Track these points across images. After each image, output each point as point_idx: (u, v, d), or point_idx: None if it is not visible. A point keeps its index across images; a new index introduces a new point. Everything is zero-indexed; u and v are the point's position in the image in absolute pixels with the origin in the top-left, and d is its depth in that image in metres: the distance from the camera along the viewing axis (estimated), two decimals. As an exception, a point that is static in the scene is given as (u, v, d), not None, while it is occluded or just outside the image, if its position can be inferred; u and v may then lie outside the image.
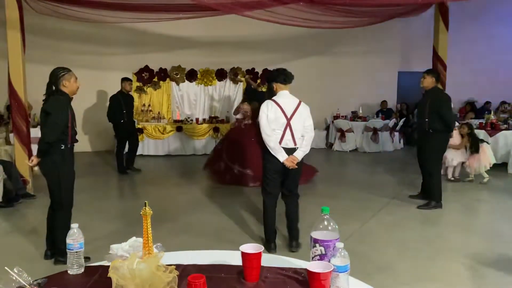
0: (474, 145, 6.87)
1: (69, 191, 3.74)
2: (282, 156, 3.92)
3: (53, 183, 3.69)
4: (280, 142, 3.93)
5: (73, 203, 3.84)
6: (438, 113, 5.31)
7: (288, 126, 3.93)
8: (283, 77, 4.02)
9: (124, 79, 7.80)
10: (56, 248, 3.82)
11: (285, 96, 4.01)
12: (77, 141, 3.84)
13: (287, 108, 3.95)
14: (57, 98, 3.62)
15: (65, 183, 3.69)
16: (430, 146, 5.47)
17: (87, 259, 3.37)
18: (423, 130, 5.54)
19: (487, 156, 6.84)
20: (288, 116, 3.93)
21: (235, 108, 7.86)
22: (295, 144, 3.96)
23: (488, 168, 6.85)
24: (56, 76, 3.66)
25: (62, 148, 3.64)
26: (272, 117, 3.93)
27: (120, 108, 7.55)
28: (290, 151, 3.94)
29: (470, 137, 6.95)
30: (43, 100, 3.72)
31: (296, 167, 3.96)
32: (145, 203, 1.57)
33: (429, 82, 5.46)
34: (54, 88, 3.65)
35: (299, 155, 3.95)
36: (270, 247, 4.12)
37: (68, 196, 3.74)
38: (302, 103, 4.04)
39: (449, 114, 5.37)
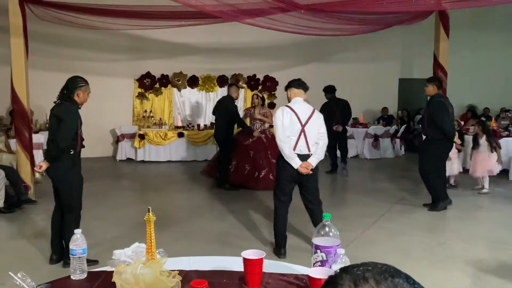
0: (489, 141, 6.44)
1: (78, 194, 3.88)
2: (295, 163, 3.91)
3: (64, 187, 3.79)
4: (294, 149, 3.93)
5: (82, 206, 3.96)
6: (434, 122, 5.41)
7: (302, 132, 3.93)
8: (298, 82, 4.07)
9: (231, 85, 7.38)
10: (65, 251, 3.85)
11: (299, 103, 4.03)
12: (83, 146, 3.95)
13: (302, 115, 3.95)
14: (69, 105, 3.75)
15: (76, 187, 3.84)
16: (428, 153, 5.61)
17: (95, 262, 3.42)
18: (424, 137, 5.78)
19: (491, 161, 6.45)
20: (303, 123, 3.94)
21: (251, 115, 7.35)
22: (309, 150, 3.97)
23: (489, 174, 6.55)
24: (74, 84, 3.80)
25: (72, 153, 3.77)
26: (287, 123, 3.93)
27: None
28: (304, 158, 3.95)
29: (484, 133, 6.51)
30: (54, 102, 3.82)
31: (311, 173, 3.96)
32: (149, 209, 1.58)
33: (430, 90, 5.55)
34: (66, 94, 3.76)
35: (313, 161, 3.95)
36: (280, 252, 4.11)
37: (78, 199, 3.88)
38: (316, 111, 4.06)
39: (443, 121, 5.38)
